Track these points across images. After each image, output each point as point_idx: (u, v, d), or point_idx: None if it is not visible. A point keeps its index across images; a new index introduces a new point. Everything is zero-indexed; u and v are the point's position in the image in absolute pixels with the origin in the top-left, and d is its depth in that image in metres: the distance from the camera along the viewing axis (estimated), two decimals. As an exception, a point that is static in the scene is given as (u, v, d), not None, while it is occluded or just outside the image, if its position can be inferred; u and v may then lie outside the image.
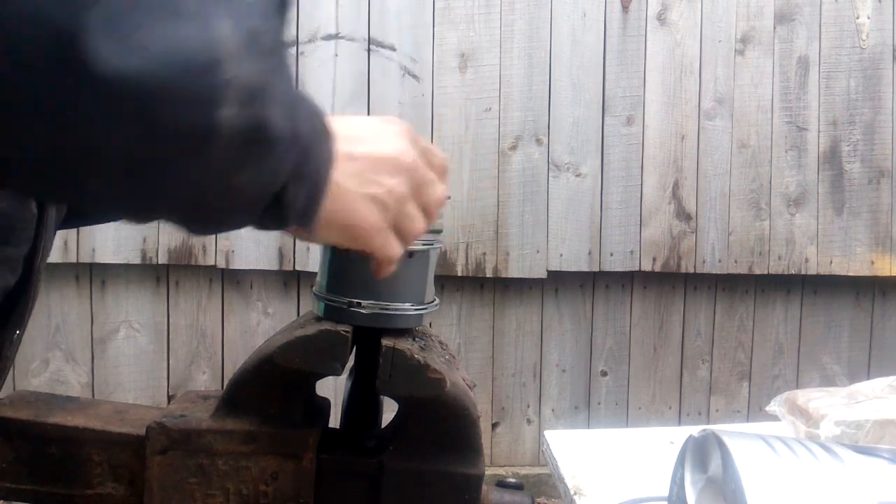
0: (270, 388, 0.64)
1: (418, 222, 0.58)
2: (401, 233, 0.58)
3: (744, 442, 0.61)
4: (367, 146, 0.55)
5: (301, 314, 1.09)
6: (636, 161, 2.55)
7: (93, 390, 2.40)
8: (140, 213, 0.47)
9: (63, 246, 2.32)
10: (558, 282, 2.56)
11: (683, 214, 2.57)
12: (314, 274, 0.65)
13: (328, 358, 0.61)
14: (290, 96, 0.46)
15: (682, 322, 2.64)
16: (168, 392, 2.45)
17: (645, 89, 2.54)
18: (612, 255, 2.54)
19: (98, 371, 2.43)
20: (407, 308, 0.65)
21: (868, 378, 1.30)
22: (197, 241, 2.40)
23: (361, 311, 0.62)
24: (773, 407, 1.11)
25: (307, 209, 0.50)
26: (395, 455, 0.63)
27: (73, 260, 2.36)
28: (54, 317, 2.41)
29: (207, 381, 2.46)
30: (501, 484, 0.69)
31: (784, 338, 2.69)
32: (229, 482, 0.61)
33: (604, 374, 2.62)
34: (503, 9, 2.47)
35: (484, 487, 0.65)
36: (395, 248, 0.57)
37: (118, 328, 2.44)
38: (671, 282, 2.62)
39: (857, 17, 2.61)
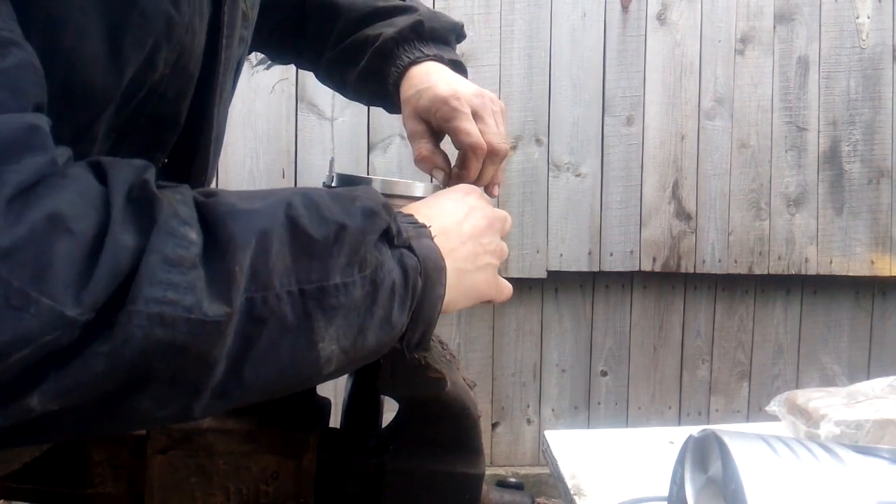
0: (271, 387, 0.63)
1: (506, 250, 0.69)
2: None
3: (744, 442, 0.61)
4: (468, 227, 0.63)
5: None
6: (636, 161, 2.54)
7: (93, 390, 2.40)
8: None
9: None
10: (558, 282, 2.55)
11: (683, 214, 2.57)
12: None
13: (328, 358, 0.60)
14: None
15: (682, 322, 2.64)
16: (168, 392, 2.45)
17: (645, 89, 2.54)
18: (611, 254, 2.54)
19: (98, 371, 2.43)
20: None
21: (868, 378, 1.30)
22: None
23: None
24: (773, 407, 1.11)
25: (420, 343, 0.56)
26: (395, 455, 0.62)
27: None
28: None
29: (207, 380, 2.45)
30: (501, 484, 0.69)
31: (784, 338, 2.69)
32: (229, 482, 0.61)
33: (604, 373, 2.62)
34: (503, 9, 2.46)
35: (484, 487, 0.65)
36: (506, 287, 0.68)
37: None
38: (671, 282, 2.62)
39: (857, 17, 2.61)
